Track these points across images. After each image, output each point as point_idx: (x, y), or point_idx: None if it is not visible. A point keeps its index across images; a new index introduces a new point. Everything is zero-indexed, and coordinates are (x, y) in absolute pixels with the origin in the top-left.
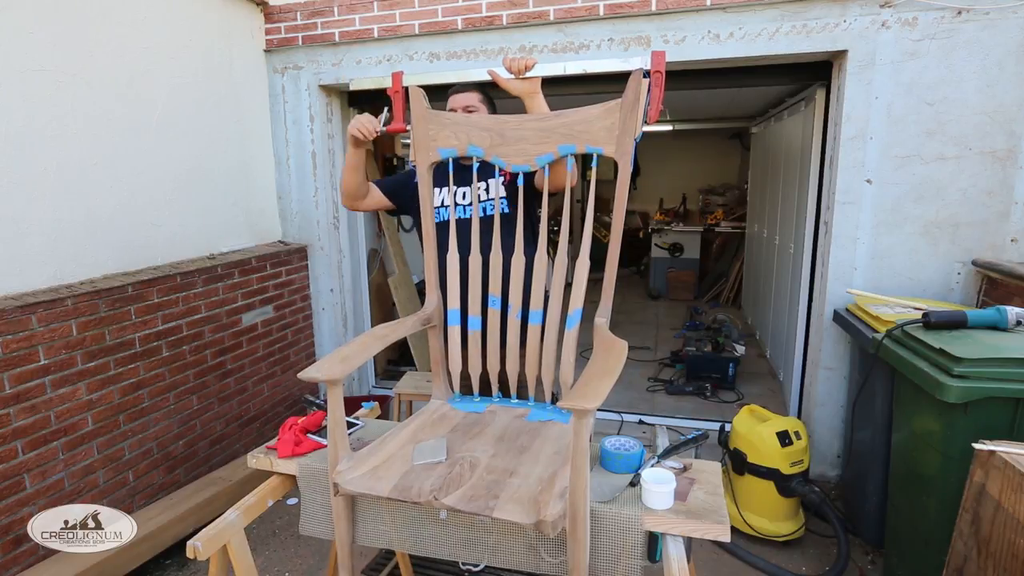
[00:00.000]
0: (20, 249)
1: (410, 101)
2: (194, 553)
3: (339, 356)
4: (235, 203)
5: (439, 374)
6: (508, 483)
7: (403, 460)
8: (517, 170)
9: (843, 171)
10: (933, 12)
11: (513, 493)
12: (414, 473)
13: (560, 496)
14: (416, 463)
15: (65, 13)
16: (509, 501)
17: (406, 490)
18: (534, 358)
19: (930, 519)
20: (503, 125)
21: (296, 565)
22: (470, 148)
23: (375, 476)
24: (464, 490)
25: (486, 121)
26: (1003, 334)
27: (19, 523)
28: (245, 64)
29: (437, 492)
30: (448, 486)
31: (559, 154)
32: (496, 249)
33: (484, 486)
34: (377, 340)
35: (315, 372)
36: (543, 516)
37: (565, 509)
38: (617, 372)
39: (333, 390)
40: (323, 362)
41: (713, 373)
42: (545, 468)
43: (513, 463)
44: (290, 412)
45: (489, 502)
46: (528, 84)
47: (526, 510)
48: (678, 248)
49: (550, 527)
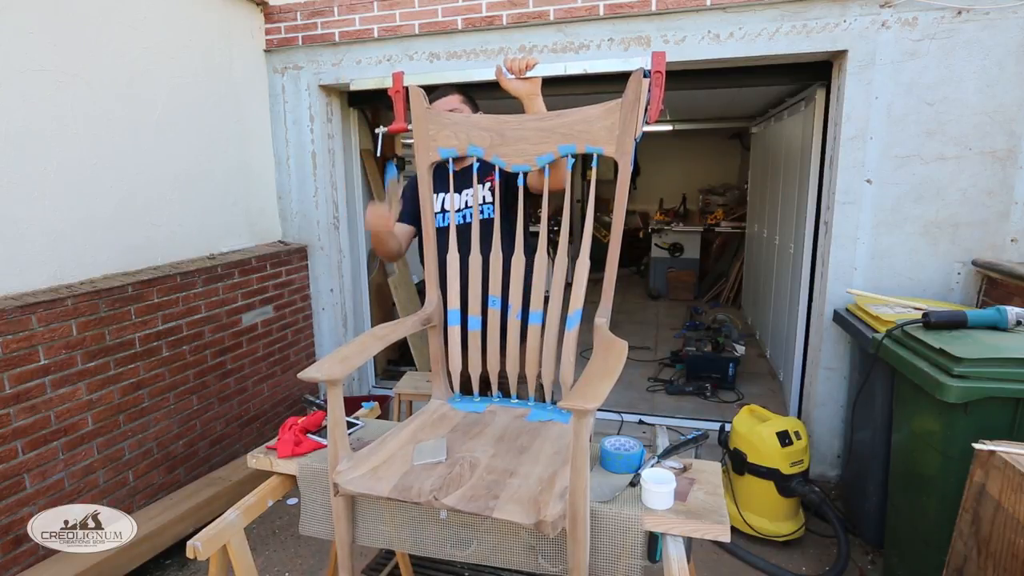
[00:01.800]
0: (20, 249)
1: (410, 101)
2: (194, 553)
3: (339, 356)
4: (235, 203)
5: (439, 374)
6: (508, 483)
7: (403, 460)
8: (517, 170)
9: (843, 171)
10: (933, 12)
11: (513, 493)
12: (414, 473)
13: (560, 496)
14: (416, 463)
15: (65, 13)
16: (509, 501)
17: (406, 490)
18: (534, 358)
19: (930, 519)
20: (503, 125)
21: (296, 565)
22: (470, 148)
23: (375, 476)
24: (464, 490)
25: (486, 121)
26: (1003, 334)
27: (19, 523)
28: (245, 64)
29: (437, 492)
30: (448, 486)
31: (559, 154)
32: (496, 249)
33: (484, 486)
34: (377, 340)
35: (315, 372)
36: (543, 516)
37: (565, 509)
38: (617, 372)
39: (333, 390)
40: (323, 362)
41: (713, 373)
42: (545, 468)
43: (513, 463)
44: (290, 412)
45: (489, 502)
46: (528, 85)
47: (526, 510)
48: (678, 248)
49: (550, 527)
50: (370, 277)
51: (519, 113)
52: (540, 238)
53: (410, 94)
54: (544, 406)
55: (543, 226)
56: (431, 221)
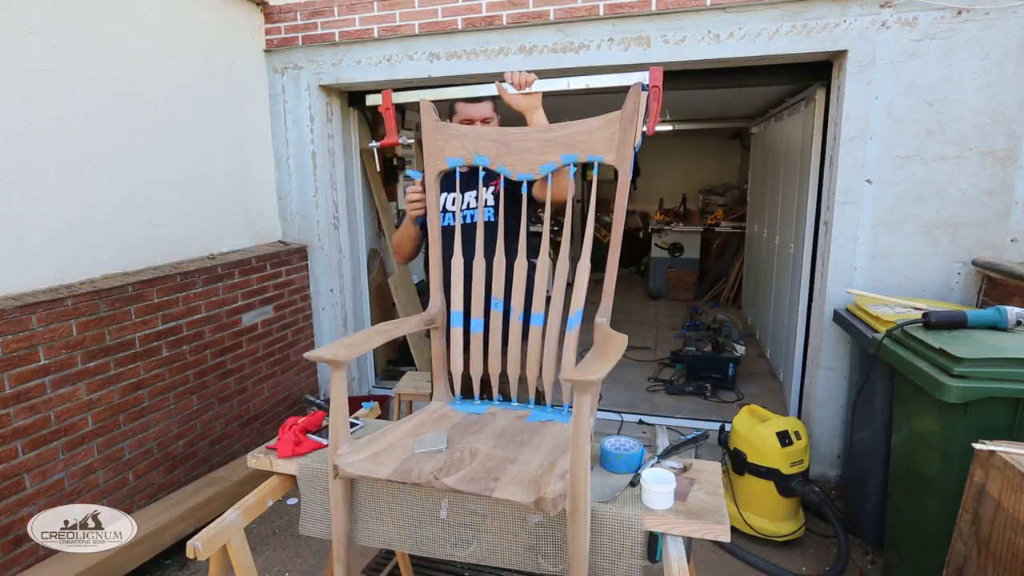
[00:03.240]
0: (20, 249)
1: (421, 114)
2: (194, 553)
3: (344, 343)
4: (235, 203)
5: (440, 375)
6: (508, 468)
7: (404, 448)
8: (521, 178)
9: (843, 171)
10: (933, 12)
11: (513, 476)
12: (414, 459)
13: (561, 477)
14: (417, 451)
15: (65, 13)
16: (509, 483)
17: (406, 473)
18: (535, 359)
19: (930, 519)
20: (508, 136)
21: (296, 565)
22: (476, 158)
23: (375, 460)
24: (464, 472)
25: (492, 132)
26: (1003, 334)
27: (19, 523)
28: (245, 64)
29: (437, 473)
30: (448, 468)
31: (562, 163)
32: (499, 252)
33: (484, 470)
34: (379, 334)
35: (322, 352)
36: (543, 494)
37: (566, 489)
38: (616, 357)
39: (337, 373)
40: (329, 345)
41: (713, 373)
42: (545, 457)
43: (513, 453)
44: (290, 412)
45: (489, 483)
46: (530, 99)
47: (526, 490)
48: (678, 248)
49: (550, 504)
50: (370, 277)
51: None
52: (543, 240)
53: (421, 108)
54: (544, 408)
55: (545, 228)
56: (438, 226)
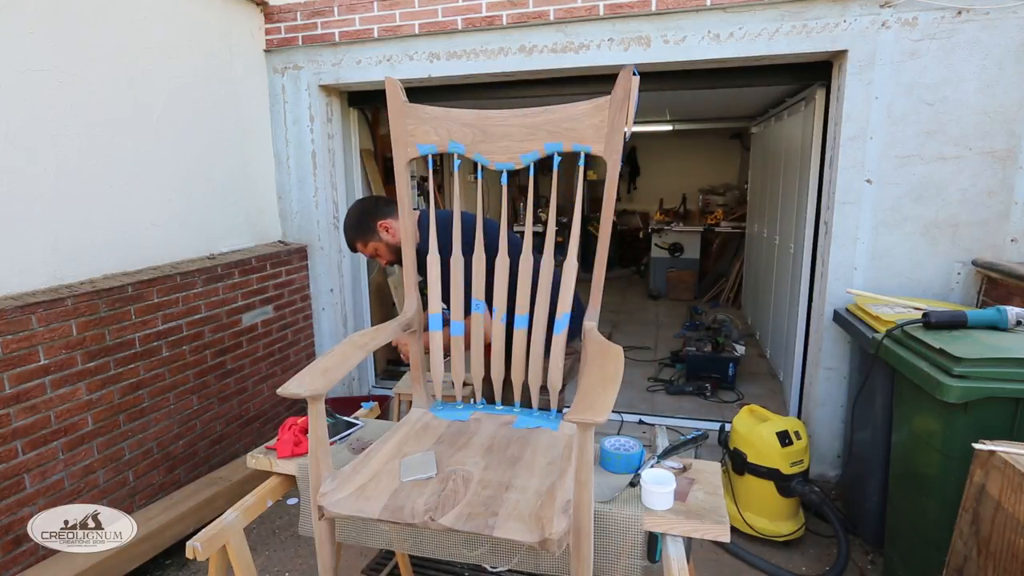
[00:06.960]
0: (20, 249)
1: (386, 94)
2: (194, 553)
3: (319, 368)
4: (235, 203)
5: (419, 380)
6: (506, 498)
7: (391, 476)
8: (500, 168)
9: (843, 171)
10: (933, 12)
11: (512, 509)
12: (404, 491)
13: (563, 511)
14: (405, 479)
15: (65, 13)
16: (509, 518)
17: (398, 511)
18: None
19: (930, 519)
20: (486, 121)
21: (296, 565)
22: (451, 144)
23: (363, 496)
24: (461, 508)
25: (468, 116)
26: (1003, 334)
27: (19, 523)
28: (245, 64)
29: (433, 512)
30: (443, 505)
31: (545, 152)
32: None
33: (481, 502)
34: (357, 349)
35: (296, 388)
36: (548, 535)
37: (569, 525)
38: (619, 379)
39: (315, 406)
40: (304, 376)
41: (713, 373)
42: (542, 481)
43: (507, 475)
44: (290, 412)
45: (488, 520)
46: None
47: (529, 527)
48: (678, 248)
49: (556, 545)
50: (370, 277)
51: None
52: (525, 239)
53: (387, 87)
54: (530, 412)
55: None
56: (411, 221)
